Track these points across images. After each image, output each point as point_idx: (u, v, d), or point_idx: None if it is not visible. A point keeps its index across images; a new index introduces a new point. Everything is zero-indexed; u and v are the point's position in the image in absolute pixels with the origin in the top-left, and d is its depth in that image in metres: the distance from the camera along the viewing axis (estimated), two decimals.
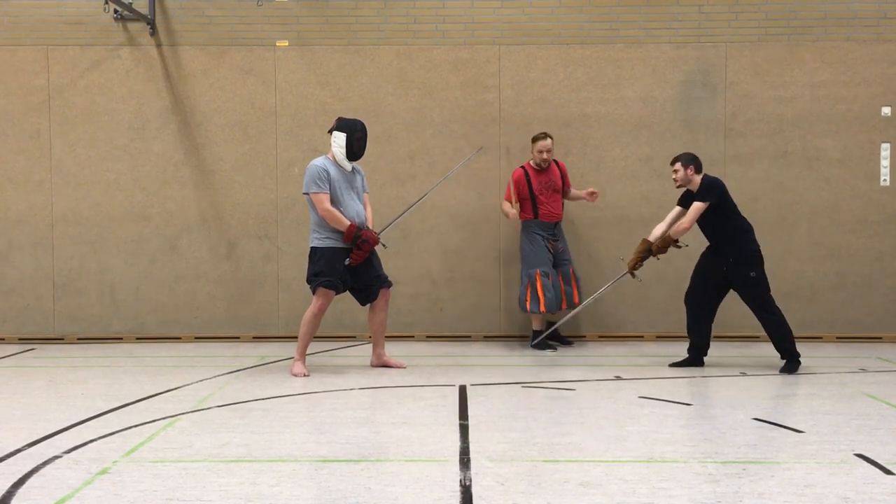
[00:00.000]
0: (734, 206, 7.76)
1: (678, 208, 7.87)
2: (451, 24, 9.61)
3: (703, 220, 7.69)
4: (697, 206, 7.60)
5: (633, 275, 8.02)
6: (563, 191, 9.09)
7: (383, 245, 7.82)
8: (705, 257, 7.89)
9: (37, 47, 9.60)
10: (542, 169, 8.99)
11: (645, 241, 7.90)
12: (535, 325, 9.07)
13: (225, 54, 9.61)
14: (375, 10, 9.60)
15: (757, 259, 7.67)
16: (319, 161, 7.57)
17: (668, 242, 7.78)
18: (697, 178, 7.71)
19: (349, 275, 7.63)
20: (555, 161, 9.08)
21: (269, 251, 9.63)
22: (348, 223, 7.44)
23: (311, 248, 7.59)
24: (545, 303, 8.80)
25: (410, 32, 9.60)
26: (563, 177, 9.10)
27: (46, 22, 9.61)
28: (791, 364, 7.62)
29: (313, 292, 7.58)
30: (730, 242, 7.67)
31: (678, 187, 7.86)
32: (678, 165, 7.74)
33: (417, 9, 9.60)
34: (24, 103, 9.60)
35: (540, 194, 8.95)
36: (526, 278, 8.89)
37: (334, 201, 7.48)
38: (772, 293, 7.73)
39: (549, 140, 8.95)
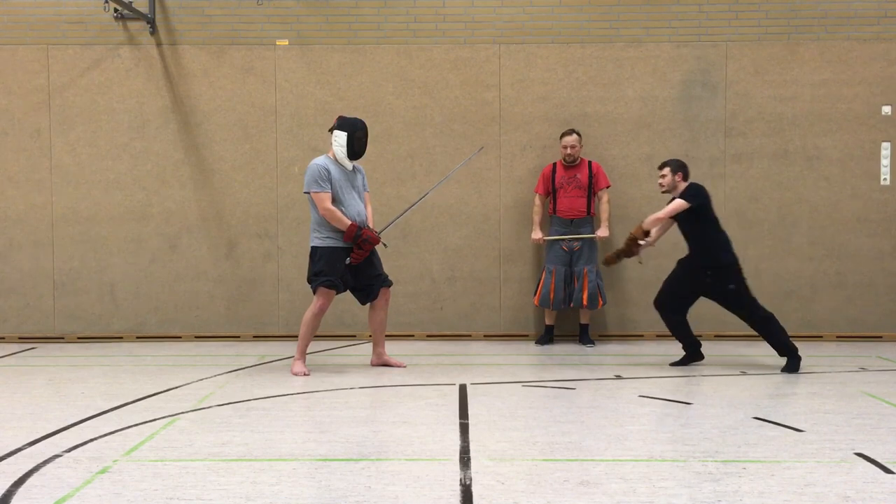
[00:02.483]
0: (715, 217, 7.73)
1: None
2: (451, 23, 9.61)
3: (684, 226, 7.70)
4: (678, 203, 7.59)
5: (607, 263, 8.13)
6: (594, 192, 9.18)
7: (384, 244, 7.81)
8: (682, 266, 7.88)
9: (37, 46, 9.60)
10: (570, 165, 9.08)
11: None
12: (546, 320, 9.29)
13: (225, 53, 9.61)
14: (375, 9, 9.60)
15: (734, 271, 7.66)
16: (320, 160, 7.57)
17: (636, 236, 7.75)
18: (683, 185, 7.72)
19: (349, 274, 7.62)
20: (589, 161, 9.18)
21: (269, 250, 9.63)
22: (349, 222, 7.44)
23: (312, 247, 7.58)
24: (539, 297, 9.12)
25: (410, 31, 9.60)
26: (593, 176, 9.14)
27: (46, 21, 9.61)
28: (793, 361, 7.62)
29: (314, 292, 7.58)
30: (706, 253, 7.66)
31: (663, 192, 7.87)
32: (666, 171, 7.74)
33: (417, 8, 9.60)
34: (24, 102, 9.60)
35: (560, 188, 9.09)
36: (539, 272, 9.31)
37: (335, 200, 7.48)
38: (762, 294, 7.74)
39: (573, 136, 9.07)
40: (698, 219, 7.61)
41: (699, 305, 9.51)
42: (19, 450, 5.10)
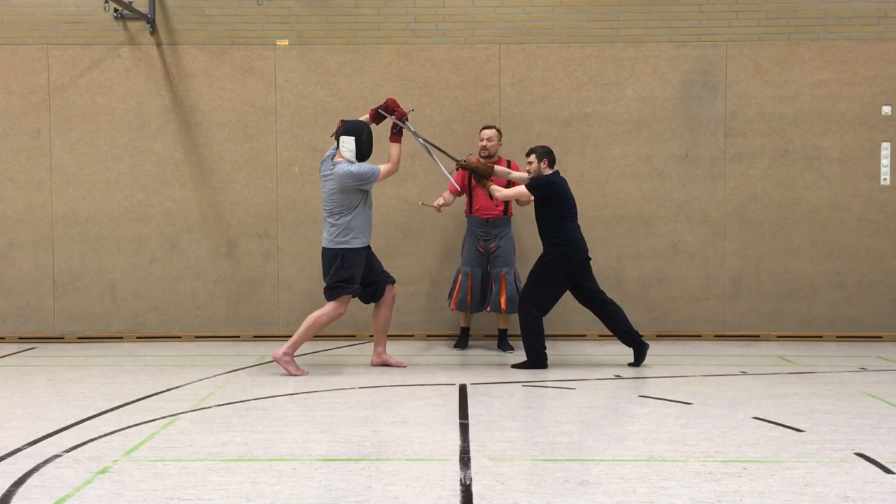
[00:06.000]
0: (560, 210, 7.74)
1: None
2: (451, 23, 9.61)
3: (536, 210, 7.90)
4: (522, 191, 7.85)
5: (460, 164, 8.18)
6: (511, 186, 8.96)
7: (411, 109, 8.06)
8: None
9: (37, 46, 9.60)
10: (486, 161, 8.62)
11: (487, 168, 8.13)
12: (461, 323, 9.15)
13: (225, 53, 9.61)
14: (375, 9, 9.60)
15: (548, 257, 7.76)
16: (351, 165, 7.52)
17: (484, 172, 8.05)
18: (548, 172, 7.82)
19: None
20: (508, 160, 8.77)
21: (269, 250, 9.63)
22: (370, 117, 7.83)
23: (343, 249, 7.50)
24: (456, 301, 8.82)
25: (410, 31, 9.60)
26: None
27: (46, 21, 9.61)
28: (527, 363, 7.81)
29: (334, 298, 7.55)
30: (546, 242, 7.80)
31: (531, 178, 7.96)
32: (532, 157, 7.85)
33: (417, 8, 9.60)
34: (24, 102, 9.60)
35: (476, 187, 8.67)
36: (455, 274, 8.96)
37: (362, 203, 7.54)
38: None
39: (492, 130, 8.71)
40: (543, 207, 7.77)
41: (697, 305, 9.53)
42: (19, 450, 5.10)
